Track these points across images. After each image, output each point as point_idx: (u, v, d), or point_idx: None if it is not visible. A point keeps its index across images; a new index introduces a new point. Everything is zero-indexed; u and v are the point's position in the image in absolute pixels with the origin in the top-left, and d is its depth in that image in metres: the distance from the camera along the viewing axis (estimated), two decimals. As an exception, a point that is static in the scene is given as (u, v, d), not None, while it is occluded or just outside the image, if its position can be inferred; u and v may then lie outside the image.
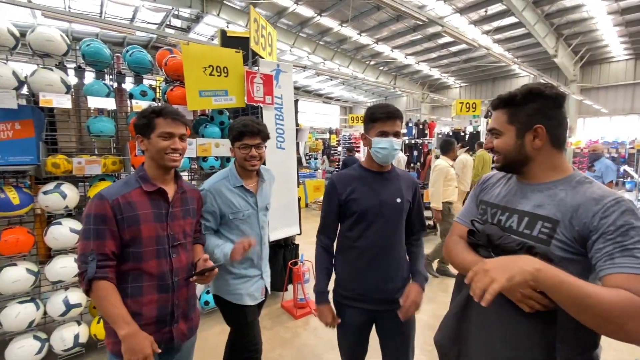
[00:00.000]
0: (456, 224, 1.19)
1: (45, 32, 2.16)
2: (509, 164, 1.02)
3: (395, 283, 1.48)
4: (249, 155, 1.61)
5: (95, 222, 1.19)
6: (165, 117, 1.30)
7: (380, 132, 1.40)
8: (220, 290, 1.70)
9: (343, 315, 1.54)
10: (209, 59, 2.67)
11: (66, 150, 2.58)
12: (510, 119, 0.98)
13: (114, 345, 1.24)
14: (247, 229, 1.68)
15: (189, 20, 12.50)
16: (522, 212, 0.97)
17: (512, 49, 13.86)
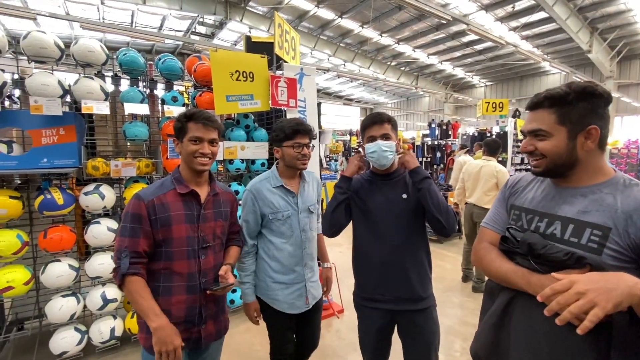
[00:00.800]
0: (485, 230, 1.14)
1: (87, 43, 2.32)
2: (556, 169, 0.94)
3: (414, 281, 1.48)
4: (301, 154, 1.61)
5: (131, 221, 1.26)
6: (195, 122, 1.33)
7: (369, 138, 1.49)
8: (260, 292, 1.69)
9: (363, 316, 1.58)
10: (235, 65, 2.76)
11: (104, 154, 2.74)
12: (561, 120, 0.91)
13: (146, 340, 1.30)
14: (286, 231, 1.65)
15: (213, 27, 12.89)
16: (566, 219, 0.91)
17: (541, 46, 13.31)
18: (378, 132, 1.47)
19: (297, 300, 1.67)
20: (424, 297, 1.50)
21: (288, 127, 1.60)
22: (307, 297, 1.70)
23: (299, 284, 1.68)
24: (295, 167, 1.64)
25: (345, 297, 3.50)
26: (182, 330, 1.32)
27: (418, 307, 1.49)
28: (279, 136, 1.62)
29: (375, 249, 1.51)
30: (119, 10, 10.77)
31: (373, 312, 1.54)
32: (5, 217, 2.10)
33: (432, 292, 1.56)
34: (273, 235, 1.65)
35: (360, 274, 1.59)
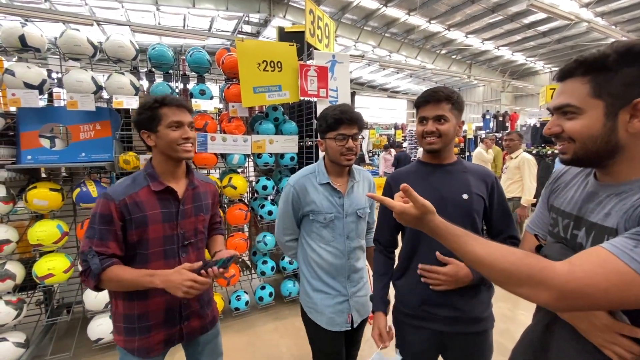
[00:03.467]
0: (527, 234, 0.96)
1: (117, 39, 2.37)
2: (588, 157, 0.71)
3: (470, 298, 1.20)
4: (345, 148, 1.37)
5: (100, 222, 1.15)
6: (170, 106, 1.21)
7: (420, 119, 1.23)
8: (301, 299, 1.54)
9: (403, 334, 1.31)
10: (262, 54, 2.65)
11: (139, 149, 2.82)
12: (597, 91, 0.67)
13: (125, 342, 1.25)
14: (327, 235, 1.44)
15: (258, 25, 13.16)
16: (591, 224, 0.71)
17: (620, 23, 11.52)
18: (431, 113, 1.19)
19: (337, 316, 1.44)
20: (481, 318, 1.22)
21: (331, 115, 1.38)
22: (351, 315, 1.46)
23: (340, 296, 1.46)
24: (339, 162, 1.41)
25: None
26: (162, 331, 1.27)
27: (473, 329, 1.21)
28: (321, 126, 1.43)
29: (423, 256, 1.23)
30: (173, 15, 11.47)
31: (416, 332, 1.26)
32: (46, 208, 2.21)
33: (492, 312, 1.27)
34: (311, 239, 1.47)
35: (402, 284, 1.31)
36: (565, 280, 0.56)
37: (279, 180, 3.11)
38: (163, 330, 1.28)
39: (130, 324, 1.24)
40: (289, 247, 1.56)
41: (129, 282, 1.14)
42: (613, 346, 0.63)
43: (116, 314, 1.27)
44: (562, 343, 0.74)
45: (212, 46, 14.34)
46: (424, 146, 1.25)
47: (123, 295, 1.24)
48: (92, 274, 1.12)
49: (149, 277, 1.13)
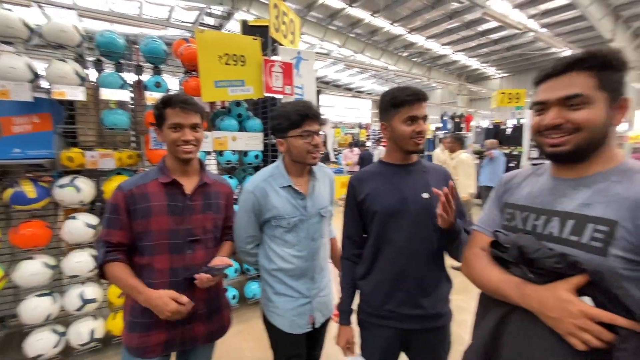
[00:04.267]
0: (476, 234, 0.96)
1: (58, 22, 2.13)
2: (588, 147, 0.75)
3: (432, 295, 1.22)
4: (312, 145, 1.31)
5: (110, 211, 1.22)
6: (173, 107, 1.23)
7: (410, 118, 1.17)
8: (262, 303, 1.47)
9: (368, 334, 1.31)
10: (225, 47, 2.53)
11: (85, 144, 2.57)
12: (603, 84, 0.73)
13: (126, 337, 1.27)
14: (292, 239, 1.38)
15: (220, 18, 12.70)
16: (565, 214, 0.75)
17: (562, 34, 12.63)
18: (422, 113, 1.18)
19: (299, 319, 1.39)
20: (442, 314, 1.25)
21: (294, 112, 1.29)
22: (313, 316, 1.42)
23: (303, 299, 1.40)
24: (306, 161, 1.35)
25: (345, 298, 3.29)
26: (164, 332, 1.25)
27: (435, 325, 1.24)
28: (282, 124, 1.31)
29: (387, 258, 1.24)
30: (126, 2, 10.70)
31: (380, 331, 1.26)
32: (-28, 211, 1.95)
33: (450, 306, 1.30)
34: (275, 244, 1.39)
35: (366, 285, 1.30)
36: None
37: (242, 179, 3.00)
38: (164, 331, 1.25)
39: (135, 318, 1.24)
40: (253, 254, 1.46)
41: (121, 286, 1.24)
42: (583, 333, 0.62)
43: (126, 306, 1.30)
44: (522, 329, 0.75)
45: (171, 37, 13.59)
46: (412, 147, 1.20)
47: None
48: (97, 263, 1.23)
49: (136, 292, 1.18)
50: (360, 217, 1.29)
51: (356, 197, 1.28)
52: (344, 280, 1.35)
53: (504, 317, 0.79)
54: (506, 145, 8.41)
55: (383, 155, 1.34)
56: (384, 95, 1.22)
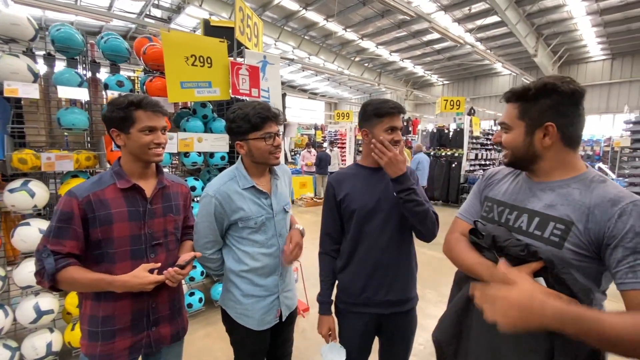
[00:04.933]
0: (458, 220, 1.14)
1: (10, 14, 1.97)
2: (517, 161, 0.97)
3: (402, 283, 1.39)
4: (274, 146, 1.34)
5: (59, 219, 1.13)
6: (145, 110, 1.19)
7: (391, 128, 1.31)
8: (227, 306, 1.45)
9: (347, 321, 1.45)
10: (191, 48, 2.52)
11: (35, 145, 2.39)
12: (521, 114, 0.92)
13: (88, 347, 1.21)
14: (260, 238, 1.40)
15: (169, 11, 12.08)
16: (533, 212, 0.91)
17: (493, 48, 14.14)
18: (400, 124, 1.33)
19: (266, 315, 1.43)
20: (410, 298, 1.42)
21: (254, 114, 1.30)
22: (280, 310, 1.47)
23: (272, 296, 1.44)
24: (268, 162, 1.38)
25: (311, 294, 3.42)
26: (128, 337, 1.23)
27: (404, 308, 1.40)
28: (241, 127, 1.31)
29: (364, 251, 1.37)
30: (59, -14, 9.70)
31: (358, 318, 1.40)
32: None
33: (417, 292, 1.49)
34: (243, 245, 1.40)
35: (344, 277, 1.43)
36: None
37: (207, 180, 2.99)
38: (129, 336, 1.23)
39: (94, 327, 1.20)
40: (214, 259, 1.44)
41: (86, 285, 1.15)
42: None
43: (83, 316, 1.24)
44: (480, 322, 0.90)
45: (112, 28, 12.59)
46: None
47: (92, 296, 1.20)
48: (47, 274, 1.10)
49: (106, 284, 1.14)
50: (339, 215, 1.44)
51: (336, 197, 1.42)
52: (323, 273, 1.47)
53: (465, 309, 0.98)
54: (449, 147, 9.22)
55: (360, 158, 1.49)
56: (366, 105, 1.37)
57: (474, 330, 0.97)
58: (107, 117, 1.21)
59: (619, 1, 9.72)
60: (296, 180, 9.07)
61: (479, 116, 10.20)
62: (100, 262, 1.19)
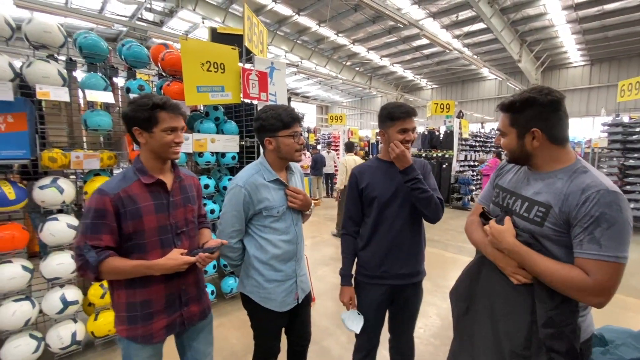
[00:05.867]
0: (477, 205, 1.37)
1: (43, 22, 2.11)
2: (515, 160, 1.17)
3: (414, 258, 1.63)
4: (299, 144, 1.52)
5: (94, 216, 1.20)
6: (169, 112, 1.29)
7: (403, 130, 1.53)
8: (250, 292, 1.58)
9: (366, 293, 1.68)
10: (206, 55, 2.70)
11: (57, 145, 2.51)
12: (512, 123, 1.11)
13: (128, 331, 1.31)
14: (281, 227, 1.55)
15: (162, 14, 12.12)
16: (524, 198, 1.12)
17: (480, 54, 14.64)
18: (411, 125, 1.53)
19: (287, 298, 1.60)
20: (420, 272, 1.67)
21: (286, 114, 1.47)
22: (297, 293, 1.64)
23: (290, 280, 1.60)
24: (293, 158, 1.56)
25: (316, 287, 3.61)
26: (164, 318, 1.35)
27: (415, 280, 1.65)
28: (274, 125, 1.47)
29: (384, 232, 1.59)
30: (52, -12, 9.67)
31: (375, 289, 1.64)
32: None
33: (424, 267, 1.72)
34: (265, 233, 1.54)
35: (365, 254, 1.66)
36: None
37: (218, 179, 3.15)
38: (165, 317, 1.36)
39: (133, 312, 1.30)
40: (236, 248, 1.56)
41: (127, 271, 1.24)
42: (516, 275, 1.07)
43: (119, 304, 1.32)
44: (489, 272, 1.17)
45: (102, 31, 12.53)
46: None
47: (125, 284, 1.29)
48: (91, 266, 1.18)
49: (146, 268, 1.26)
50: (360, 202, 1.67)
51: (358, 185, 1.66)
52: (345, 251, 1.70)
53: (483, 259, 1.21)
54: (439, 149, 9.54)
55: (380, 153, 1.71)
56: (382, 109, 1.59)
57: (479, 292, 1.19)
58: (130, 116, 1.28)
59: (597, 10, 10.27)
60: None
61: (468, 119, 10.59)
62: (132, 252, 1.28)
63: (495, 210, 1.24)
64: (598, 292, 0.93)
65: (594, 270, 0.92)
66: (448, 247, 5.32)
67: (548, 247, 1.05)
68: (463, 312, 1.23)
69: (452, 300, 1.29)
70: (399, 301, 1.68)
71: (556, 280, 0.97)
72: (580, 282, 0.93)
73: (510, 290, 1.08)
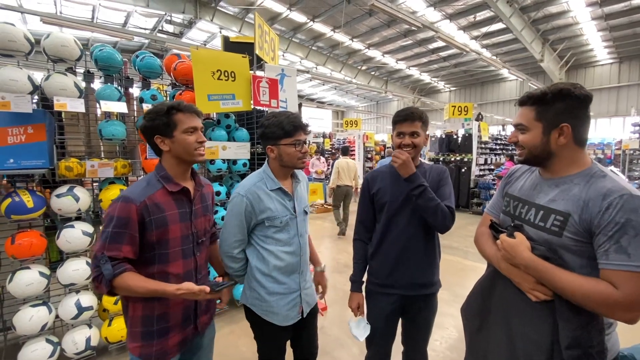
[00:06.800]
0: (485, 215, 1.29)
1: (60, 37, 2.20)
2: (533, 158, 1.07)
3: (426, 268, 1.56)
4: (301, 152, 1.48)
5: (116, 225, 1.15)
6: (185, 112, 1.26)
7: (398, 134, 1.52)
8: (252, 304, 1.53)
9: (375, 302, 1.62)
10: (216, 64, 2.73)
11: (75, 154, 2.60)
12: (538, 116, 1.02)
13: (142, 348, 1.25)
14: (283, 237, 1.50)
15: (181, 26, 12.53)
16: (538, 206, 1.04)
17: (499, 54, 14.26)
18: (408, 129, 1.49)
19: (290, 312, 1.53)
20: (433, 282, 1.59)
21: (288, 122, 1.43)
22: (302, 306, 1.56)
23: (294, 293, 1.54)
24: (295, 166, 1.52)
25: (328, 295, 3.54)
26: (179, 333, 1.31)
27: (427, 291, 1.58)
28: (275, 133, 1.44)
29: (393, 239, 1.55)
30: (78, 5, 10.19)
31: (384, 298, 1.59)
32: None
33: (439, 278, 1.64)
34: (267, 244, 1.49)
35: (375, 262, 1.62)
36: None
37: (230, 186, 3.17)
38: (180, 332, 1.31)
39: (149, 327, 1.25)
40: (239, 258, 1.52)
41: (140, 293, 1.17)
42: (534, 291, 0.98)
43: (133, 318, 1.26)
44: (504, 288, 1.09)
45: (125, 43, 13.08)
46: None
47: (142, 297, 1.23)
48: (105, 280, 1.12)
49: (161, 292, 1.17)
50: (372, 207, 1.63)
51: (370, 190, 1.63)
52: (356, 257, 1.67)
53: (496, 272, 1.12)
54: (457, 153, 9.30)
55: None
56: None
57: (494, 308, 1.10)
58: (149, 126, 1.25)
59: (624, 6, 9.80)
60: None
61: (487, 121, 10.29)
62: (153, 263, 1.23)
63: (506, 221, 1.16)
64: (629, 307, 0.84)
65: (623, 282, 0.84)
66: (468, 254, 5.14)
67: (567, 259, 0.96)
68: (476, 329, 1.15)
69: (463, 316, 1.22)
70: (411, 312, 1.61)
71: (580, 296, 0.87)
72: (608, 297, 0.84)
73: (528, 308, 0.99)
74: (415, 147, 1.51)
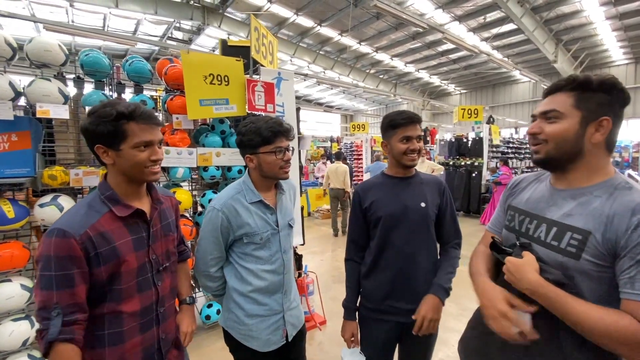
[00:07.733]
0: (486, 232, 1.14)
1: (43, 41, 2.13)
2: (557, 156, 0.88)
3: (426, 293, 1.36)
4: (284, 161, 1.33)
5: (58, 266, 0.92)
6: (138, 122, 1.01)
7: (405, 137, 1.35)
8: (230, 327, 1.38)
9: (369, 330, 1.45)
10: (209, 68, 2.64)
11: (65, 162, 2.53)
12: (578, 103, 0.85)
13: None
14: (264, 254, 1.36)
15: (190, 32, 12.67)
16: (551, 222, 0.88)
17: (511, 55, 13.91)
18: (415, 133, 1.35)
19: (272, 335, 1.37)
20: None
21: (266, 128, 1.29)
22: (286, 329, 1.41)
23: (276, 315, 1.39)
24: (277, 177, 1.36)
25: (328, 307, 3.38)
26: None
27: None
28: (253, 141, 1.30)
29: (389, 258, 1.39)
30: (90, 14, 10.39)
31: (380, 325, 1.41)
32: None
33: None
34: (246, 262, 1.35)
35: (368, 284, 1.44)
36: None
37: (225, 194, 3.06)
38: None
39: None
40: (217, 277, 1.38)
41: None
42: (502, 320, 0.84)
43: None
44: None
45: (137, 50, 13.31)
46: (406, 162, 1.37)
47: (92, 343, 1.00)
48: (46, 340, 0.90)
49: None
50: (365, 222, 1.45)
51: (362, 204, 1.45)
52: (349, 279, 1.49)
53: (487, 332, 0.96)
54: (468, 157, 9.04)
55: (386, 168, 1.51)
56: (384, 118, 1.41)
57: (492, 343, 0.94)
58: (90, 130, 0.99)
59: (638, 5, 9.42)
60: (312, 193, 9.09)
61: (499, 124, 9.99)
62: (103, 301, 1.01)
63: (509, 238, 0.99)
64: None
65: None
66: (477, 263, 4.91)
67: (583, 288, 0.80)
68: None
69: (460, 352, 1.05)
70: (408, 341, 1.43)
71: (599, 332, 0.72)
72: (632, 334, 0.69)
73: (541, 344, 0.83)
74: (419, 152, 1.36)
